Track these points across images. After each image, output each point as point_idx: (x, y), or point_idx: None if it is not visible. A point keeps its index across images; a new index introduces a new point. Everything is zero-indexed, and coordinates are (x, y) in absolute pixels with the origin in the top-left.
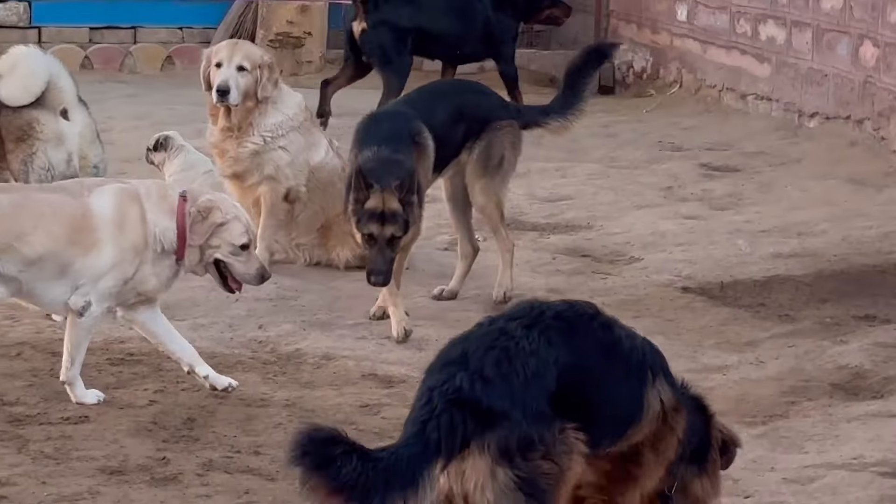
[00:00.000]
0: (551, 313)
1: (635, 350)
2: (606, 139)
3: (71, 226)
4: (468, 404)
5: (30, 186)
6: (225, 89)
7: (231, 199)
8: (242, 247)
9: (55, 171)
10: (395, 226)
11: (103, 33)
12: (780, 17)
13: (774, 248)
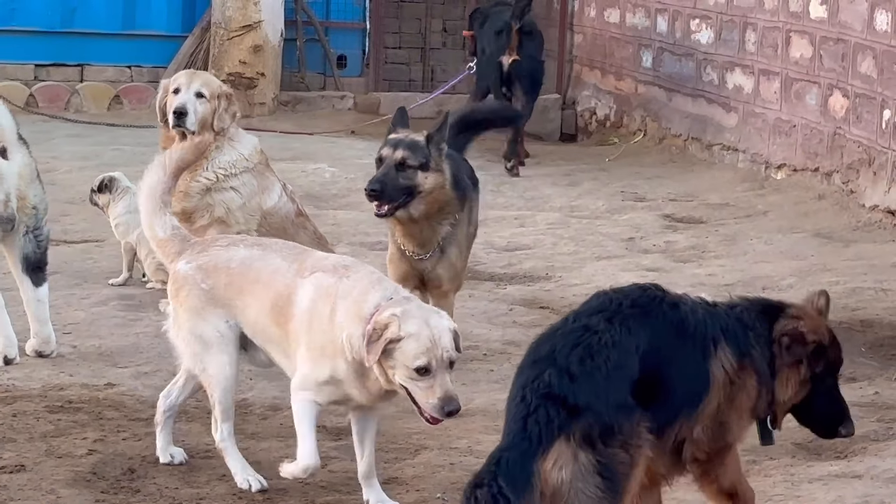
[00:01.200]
0: (628, 302)
1: (699, 324)
2: (567, 188)
3: (274, 303)
4: (558, 399)
5: (272, 246)
6: (182, 111)
7: (432, 313)
8: (419, 370)
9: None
10: (407, 151)
11: (49, 70)
12: (747, 66)
13: None
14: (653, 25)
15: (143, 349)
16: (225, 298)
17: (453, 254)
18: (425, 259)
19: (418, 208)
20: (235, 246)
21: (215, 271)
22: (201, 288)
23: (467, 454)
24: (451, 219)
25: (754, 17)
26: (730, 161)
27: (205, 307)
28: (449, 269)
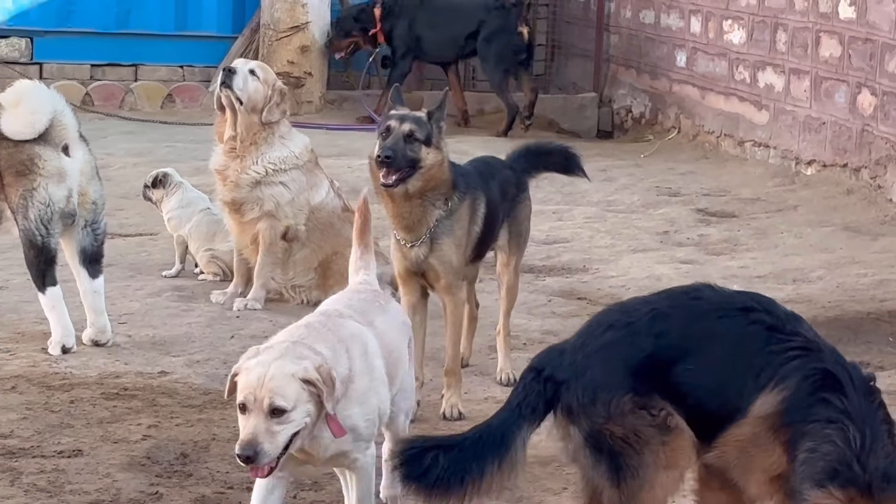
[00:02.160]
0: (694, 294)
1: (759, 353)
2: (604, 183)
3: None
4: (547, 377)
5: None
6: (232, 70)
7: (291, 358)
8: (240, 406)
9: (55, 207)
10: (414, 125)
11: (105, 70)
12: (778, 65)
13: (770, 294)
14: (686, 26)
15: (195, 338)
16: None
17: (446, 245)
18: (416, 246)
19: (416, 184)
20: None
21: None
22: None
23: None
24: (442, 202)
25: (785, 17)
26: (761, 157)
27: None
28: (443, 262)
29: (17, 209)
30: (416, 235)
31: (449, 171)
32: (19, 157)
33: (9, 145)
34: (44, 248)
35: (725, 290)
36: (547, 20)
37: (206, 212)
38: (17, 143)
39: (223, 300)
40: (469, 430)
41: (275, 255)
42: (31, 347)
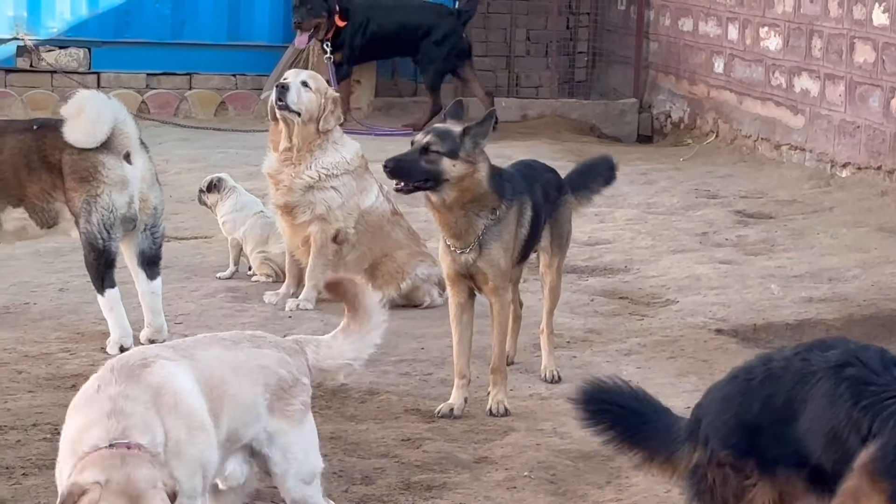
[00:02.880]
0: (804, 355)
1: (853, 409)
2: (644, 186)
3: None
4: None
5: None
6: (285, 86)
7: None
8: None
9: (117, 213)
10: (435, 137)
11: (160, 79)
12: (814, 70)
13: (806, 293)
14: (724, 33)
15: None
16: None
17: (495, 250)
18: (465, 252)
19: (449, 195)
20: None
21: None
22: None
23: (552, 435)
24: (488, 213)
25: (820, 24)
26: (797, 160)
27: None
28: (491, 265)
29: (79, 213)
30: (465, 243)
31: (487, 183)
32: (83, 164)
33: (73, 152)
34: (104, 251)
35: (837, 345)
36: (588, 28)
37: (259, 215)
38: (80, 151)
39: (276, 301)
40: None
41: (326, 256)
42: (91, 347)
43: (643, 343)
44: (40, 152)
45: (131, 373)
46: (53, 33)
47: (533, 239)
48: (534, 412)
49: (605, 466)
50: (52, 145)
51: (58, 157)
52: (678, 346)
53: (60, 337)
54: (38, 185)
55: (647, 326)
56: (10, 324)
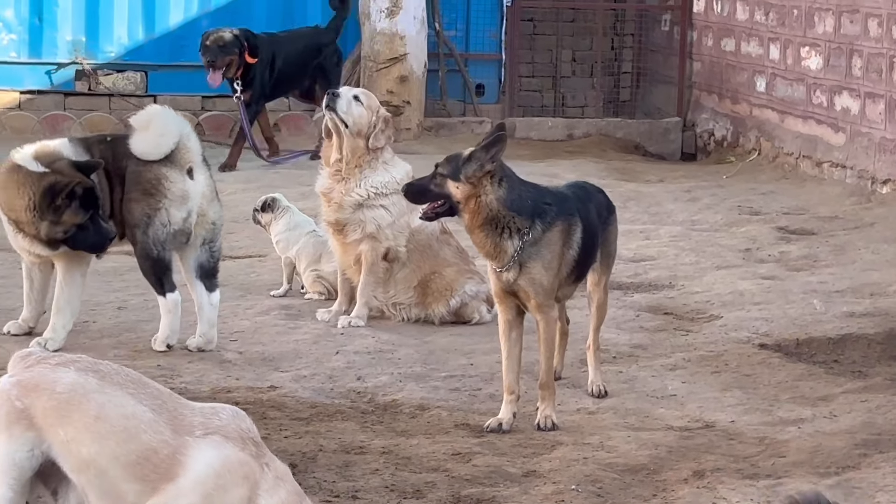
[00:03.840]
0: None
1: None
2: (688, 203)
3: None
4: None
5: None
6: (335, 93)
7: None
8: None
9: (172, 228)
10: (444, 161)
11: (214, 101)
12: (854, 89)
13: (848, 308)
14: (766, 53)
15: (302, 354)
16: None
17: (535, 269)
18: (505, 271)
19: (464, 217)
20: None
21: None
22: (14, 405)
23: (599, 449)
24: (515, 234)
25: (860, 44)
26: (838, 177)
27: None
28: (531, 283)
29: (137, 223)
30: (501, 262)
31: (501, 204)
32: (147, 175)
33: (137, 164)
34: (158, 260)
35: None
36: (632, 49)
37: (311, 234)
38: (145, 163)
39: (328, 318)
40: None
41: (376, 274)
42: (149, 364)
43: (688, 358)
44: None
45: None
46: (111, 57)
47: (588, 258)
48: (581, 426)
49: (652, 480)
50: (120, 155)
51: (124, 165)
52: (722, 361)
53: (118, 354)
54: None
55: (692, 342)
56: (71, 342)
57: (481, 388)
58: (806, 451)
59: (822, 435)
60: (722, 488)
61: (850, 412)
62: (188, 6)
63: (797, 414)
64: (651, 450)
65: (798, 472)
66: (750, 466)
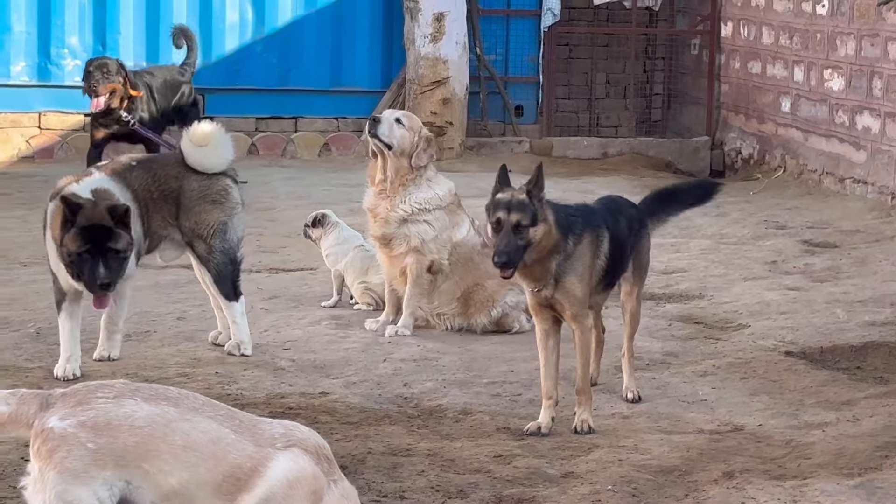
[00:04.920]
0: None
1: None
2: (717, 218)
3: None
4: None
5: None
6: (377, 118)
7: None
8: None
9: (242, 233)
10: (521, 213)
11: (268, 123)
12: (874, 109)
13: (870, 317)
14: (790, 75)
15: (351, 362)
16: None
17: (569, 282)
18: (543, 290)
19: (531, 256)
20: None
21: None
22: (87, 447)
23: (633, 451)
24: (558, 255)
25: (880, 66)
26: (860, 193)
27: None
28: (567, 296)
29: (214, 232)
30: (542, 283)
31: (557, 231)
32: (215, 187)
33: (201, 178)
34: (236, 263)
35: None
36: (663, 71)
37: (360, 248)
38: (209, 176)
39: (376, 327)
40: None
41: (421, 286)
42: (207, 372)
43: (717, 365)
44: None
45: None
46: None
47: (618, 268)
48: (616, 430)
49: (684, 480)
50: (172, 175)
51: (175, 185)
52: (750, 368)
53: (178, 362)
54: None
55: (721, 349)
56: (132, 351)
57: (521, 394)
58: (830, 454)
59: (846, 438)
60: (750, 488)
61: (873, 416)
62: (243, 33)
63: (822, 418)
64: (683, 452)
65: (823, 473)
66: (777, 468)
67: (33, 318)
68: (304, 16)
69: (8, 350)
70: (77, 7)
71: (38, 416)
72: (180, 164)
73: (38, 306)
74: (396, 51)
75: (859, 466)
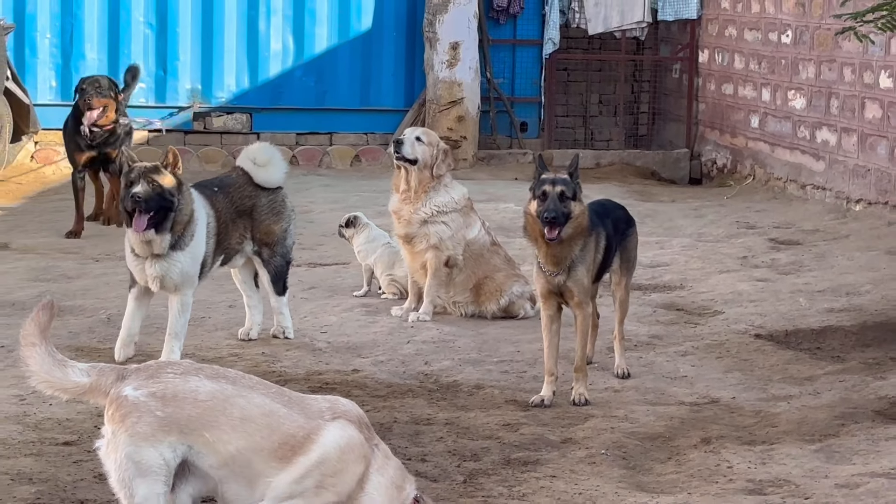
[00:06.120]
0: None
1: None
2: (696, 219)
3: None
4: None
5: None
6: (399, 140)
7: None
8: None
9: (294, 239)
10: (564, 185)
11: (307, 137)
12: (832, 125)
13: (828, 305)
14: (759, 95)
15: (379, 343)
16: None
17: (580, 272)
18: (558, 275)
19: (568, 231)
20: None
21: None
22: (155, 415)
23: (623, 420)
24: (581, 242)
25: (837, 88)
26: (819, 197)
27: (155, 434)
28: (577, 284)
29: (279, 238)
30: (561, 268)
31: (588, 217)
32: (277, 200)
33: (268, 193)
34: (291, 262)
35: None
36: (649, 93)
37: (387, 245)
38: (272, 191)
39: (401, 314)
40: None
41: (440, 278)
42: (254, 352)
43: (696, 346)
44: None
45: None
46: (222, 102)
47: (606, 263)
48: (609, 402)
49: (668, 445)
50: (246, 195)
51: (250, 203)
52: (724, 349)
53: (230, 344)
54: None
55: (699, 332)
56: (191, 334)
57: (527, 371)
58: (794, 422)
59: (808, 409)
60: (725, 452)
61: (831, 390)
62: (285, 60)
63: (787, 391)
64: (666, 421)
65: (788, 439)
66: (748, 434)
67: (104, 306)
68: (337, 45)
69: (83, 333)
70: (142, 37)
71: (115, 385)
72: (249, 184)
73: (108, 296)
74: (417, 75)
75: (819, 433)
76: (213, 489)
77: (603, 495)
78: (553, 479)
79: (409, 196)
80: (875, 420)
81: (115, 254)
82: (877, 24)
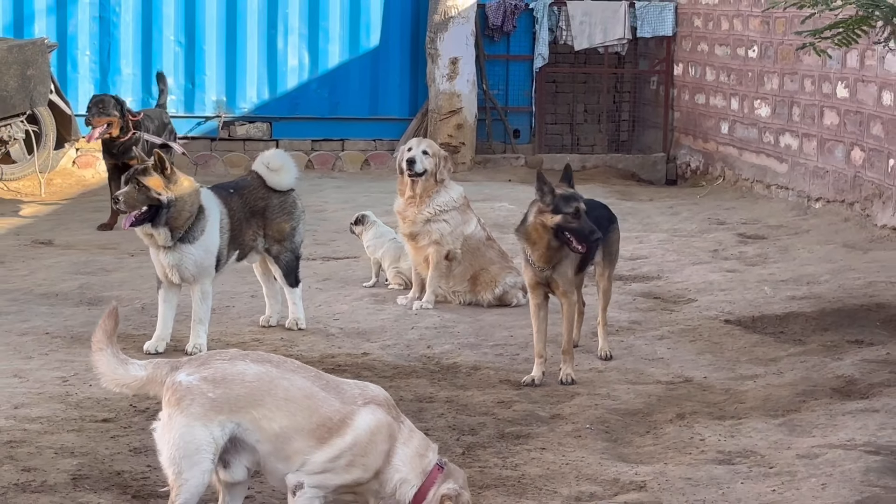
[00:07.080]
0: None
1: None
2: (671, 216)
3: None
4: None
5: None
6: (412, 160)
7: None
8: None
9: (303, 236)
10: (583, 202)
11: (321, 144)
12: (794, 131)
13: (790, 293)
14: (728, 105)
15: (386, 329)
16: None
17: (565, 266)
18: (546, 270)
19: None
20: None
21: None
22: (208, 396)
23: (606, 398)
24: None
25: (798, 97)
26: (783, 196)
27: (207, 413)
28: (562, 276)
29: (287, 235)
30: (551, 264)
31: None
32: (288, 201)
33: (279, 195)
34: (300, 256)
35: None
36: (629, 102)
37: (393, 241)
38: (284, 193)
39: (406, 303)
40: None
41: (440, 270)
42: (274, 337)
43: (672, 330)
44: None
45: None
46: (245, 112)
47: (587, 256)
48: (593, 381)
49: (646, 420)
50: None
51: (262, 204)
52: (697, 333)
53: (252, 330)
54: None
55: (675, 318)
56: (216, 321)
57: (519, 354)
58: (760, 399)
59: (772, 387)
60: (697, 426)
61: (793, 370)
62: (301, 74)
63: (753, 371)
64: (645, 398)
65: (754, 414)
66: (718, 410)
67: (139, 297)
68: (349, 60)
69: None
70: (172, 54)
71: (170, 375)
72: (262, 187)
73: (143, 287)
74: (421, 87)
75: (782, 409)
76: (258, 461)
77: (588, 465)
78: (543, 451)
79: (414, 201)
80: (833, 397)
81: (148, 249)
82: (834, 40)
